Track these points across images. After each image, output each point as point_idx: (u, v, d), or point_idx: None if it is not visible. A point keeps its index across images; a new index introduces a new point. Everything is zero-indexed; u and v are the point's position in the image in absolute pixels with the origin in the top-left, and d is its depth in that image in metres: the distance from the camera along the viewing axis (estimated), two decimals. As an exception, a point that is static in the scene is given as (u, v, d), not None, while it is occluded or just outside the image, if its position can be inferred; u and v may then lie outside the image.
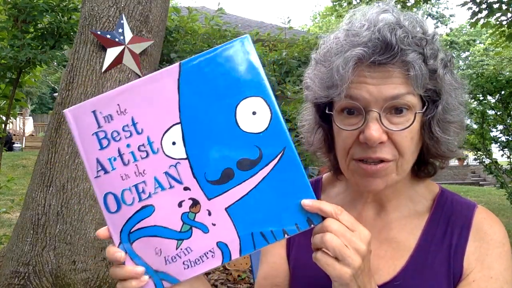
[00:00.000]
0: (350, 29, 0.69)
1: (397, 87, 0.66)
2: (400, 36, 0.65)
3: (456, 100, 0.71)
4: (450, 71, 0.70)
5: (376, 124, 0.66)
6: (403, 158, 0.70)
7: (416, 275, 0.74)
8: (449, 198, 0.80)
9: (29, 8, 3.33)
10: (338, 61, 0.67)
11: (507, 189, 5.69)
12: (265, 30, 6.39)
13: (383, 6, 0.71)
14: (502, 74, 5.80)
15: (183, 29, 3.66)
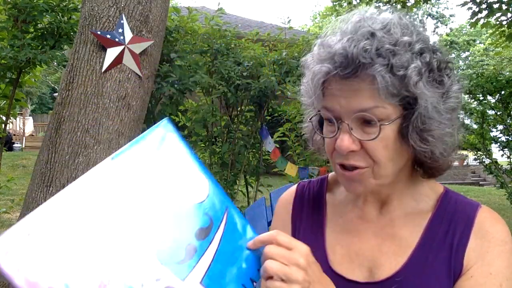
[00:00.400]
0: (321, 43, 0.73)
1: (364, 102, 0.68)
2: (363, 49, 0.66)
3: (436, 107, 0.69)
4: (428, 77, 0.68)
5: (346, 135, 0.70)
6: (379, 165, 0.71)
7: (417, 272, 0.75)
8: (453, 198, 0.81)
9: (29, 8, 3.33)
10: (310, 75, 0.73)
11: (507, 189, 5.69)
12: (265, 30, 6.39)
13: (363, 14, 0.73)
14: (502, 74, 5.79)
15: (183, 29, 3.66)
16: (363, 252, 0.80)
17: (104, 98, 2.65)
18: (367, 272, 0.78)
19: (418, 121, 0.69)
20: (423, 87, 0.67)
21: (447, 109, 0.71)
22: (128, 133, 2.73)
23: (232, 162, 3.99)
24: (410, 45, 0.68)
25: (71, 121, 2.61)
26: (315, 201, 0.90)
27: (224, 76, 3.75)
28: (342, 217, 0.86)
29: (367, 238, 0.81)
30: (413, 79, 0.66)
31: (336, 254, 0.82)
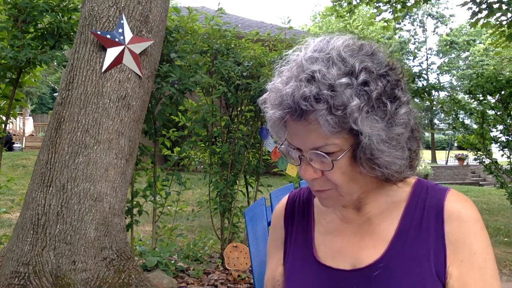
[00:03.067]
0: (272, 87, 0.79)
1: (315, 141, 0.75)
2: (304, 96, 0.71)
3: (381, 136, 0.73)
4: (371, 110, 0.71)
5: (307, 166, 0.78)
6: (341, 188, 0.79)
7: (398, 256, 0.80)
8: (424, 185, 0.86)
9: (29, 8, 3.33)
10: (268, 115, 0.79)
11: (507, 189, 5.69)
12: (265, 30, 6.39)
13: (317, 45, 0.77)
14: (502, 74, 5.79)
15: (183, 29, 3.65)
16: (344, 249, 0.87)
17: (104, 98, 2.66)
18: (350, 266, 0.84)
19: (365, 151, 0.74)
20: (363, 123, 0.71)
21: (393, 136, 0.74)
22: (128, 133, 2.73)
23: (232, 162, 3.99)
24: (349, 85, 0.71)
25: (71, 121, 2.61)
26: (304, 206, 0.98)
27: (224, 76, 3.75)
28: (325, 219, 0.93)
29: (348, 237, 0.88)
30: (353, 117, 0.70)
31: (321, 252, 0.89)
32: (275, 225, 1.01)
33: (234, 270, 3.46)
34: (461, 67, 32.54)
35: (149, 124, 3.44)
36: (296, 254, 0.93)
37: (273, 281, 0.96)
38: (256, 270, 1.22)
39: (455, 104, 6.05)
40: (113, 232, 2.63)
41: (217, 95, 3.69)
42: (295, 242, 0.94)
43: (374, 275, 0.80)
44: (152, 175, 3.59)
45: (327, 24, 29.65)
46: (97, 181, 2.58)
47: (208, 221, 4.74)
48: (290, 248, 0.95)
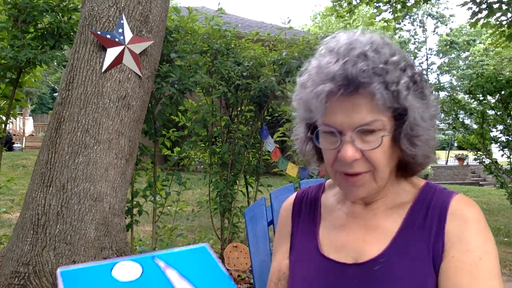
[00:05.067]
0: (319, 64, 0.80)
1: (365, 117, 0.77)
2: (360, 71, 0.75)
3: (423, 115, 0.80)
4: (415, 90, 0.79)
5: (349, 146, 0.78)
6: (378, 170, 0.81)
7: (399, 252, 0.83)
8: (432, 189, 0.89)
9: (29, 8, 3.33)
10: (312, 94, 0.79)
11: (507, 189, 5.70)
12: (265, 30, 6.39)
13: (353, 35, 0.81)
14: (502, 74, 5.79)
15: (183, 29, 3.65)
16: (349, 243, 0.89)
17: (104, 98, 2.66)
18: (353, 260, 0.87)
19: (408, 129, 0.79)
20: (411, 100, 0.78)
21: (430, 117, 0.82)
22: (128, 133, 2.73)
23: (232, 162, 3.98)
24: (398, 63, 0.78)
25: (71, 121, 2.61)
26: (311, 203, 1.02)
27: (224, 76, 3.75)
28: (332, 215, 0.96)
29: (353, 231, 0.90)
30: (403, 93, 0.76)
31: (326, 246, 0.92)
32: (283, 219, 1.05)
33: (234, 270, 3.47)
34: (461, 67, 32.55)
35: (149, 124, 3.44)
36: (301, 247, 0.96)
37: (278, 273, 0.99)
38: (256, 270, 1.22)
39: (455, 104, 6.05)
40: (113, 232, 2.63)
41: (217, 95, 3.69)
42: (301, 236, 0.97)
43: (375, 270, 0.82)
44: (152, 175, 3.59)
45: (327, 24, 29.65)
46: (97, 181, 2.58)
47: (208, 221, 4.74)
48: (296, 241, 0.98)
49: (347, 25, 8.15)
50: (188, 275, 0.64)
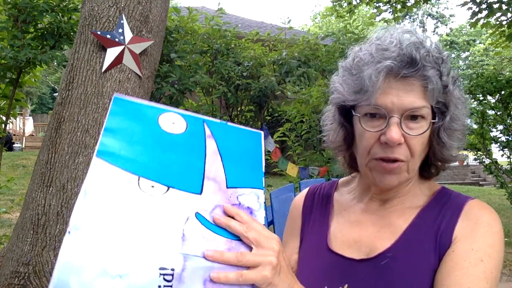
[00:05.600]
0: (381, 43, 0.81)
1: (416, 101, 0.78)
2: (423, 54, 0.77)
3: (461, 111, 0.83)
4: (458, 87, 0.83)
5: (396, 128, 0.78)
6: (413, 159, 0.81)
7: (405, 248, 0.83)
8: (448, 193, 0.89)
9: (29, 8, 3.33)
10: (370, 70, 0.79)
11: (507, 189, 5.70)
12: (265, 30, 6.39)
13: (406, 28, 0.84)
14: (502, 74, 5.80)
15: (183, 29, 3.65)
16: (362, 239, 0.89)
17: (104, 98, 2.65)
18: (364, 255, 0.87)
19: (449, 122, 0.82)
20: (456, 94, 0.82)
21: (464, 114, 0.85)
22: (128, 133, 2.73)
23: (232, 162, 3.98)
24: (447, 57, 0.82)
25: (71, 121, 2.61)
26: (323, 199, 1.02)
27: (224, 76, 3.75)
28: (346, 210, 0.96)
29: (367, 227, 0.90)
30: (450, 87, 0.80)
31: (337, 240, 0.92)
32: (293, 214, 1.05)
33: (234, 270, 3.46)
34: (461, 67, 32.56)
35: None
36: (310, 242, 0.96)
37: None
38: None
39: (455, 104, 6.03)
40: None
41: (217, 95, 3.69)
42: (311, 231, 0.98)
43: (381, 264, 0.83)
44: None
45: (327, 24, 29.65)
46: (97, 181, 2.58)
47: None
48: (305, 236, 0.99)
49: (347, 25, 8.14)
50: (226, 153, 0.64)
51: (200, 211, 0.61)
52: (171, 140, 0.63)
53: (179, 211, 0.59)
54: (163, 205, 0.59)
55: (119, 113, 0.63)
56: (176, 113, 0.66)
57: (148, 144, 0.62)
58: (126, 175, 0.58)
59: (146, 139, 0.62)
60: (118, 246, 0.54)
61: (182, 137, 0.64)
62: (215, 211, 0.62)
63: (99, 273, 0.52)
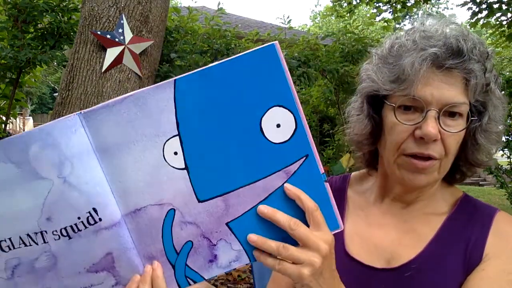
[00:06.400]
0: (426, 30, 0.75)
1: (457, 96, 0.72)
2: (470, 46, 0.72)
3: (499, 113, 0.78)
4: (499, 86, 0.77)
5: (434, 122, 0.72)
6: (447, 159, 0.75)
7: (431, 260, 0.77)
8: (472, 201, 0.84)
9: (29, 8, 3.33)
10: (412, 58, 0.72)
11: (507, 189, 5.70)
12: (265, 30, 6.39)
13: (451, 19, 0.78)
14: (502, 74, 5.80)
15: (183, 29, 3.66)
16: (383, 244, 0.82)
17: (104, 98, 2.66)
18: (385, 262, 0.81)
19: (487, 123, 0.76)
20: (497, 94, 0.76)
21: (502, 116, 0.79)
22: (128, 133, 2.74)
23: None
24: (491, 54, 0.75)
25: (71, 121, 2.61)
26: (336, 194, 0.91)
27: (224, 76, 3.75)
28: (363, 211, 0.89)
29: (388, 231, 0.83)
30: (492, 85, 0.74)
31: (354, 243, 0.85)
32: None
33: (234, 270, 3.47)
34: (461, 67, 32.57)
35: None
36: None
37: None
38: (256, 270, 1.22)
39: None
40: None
41: (217, 95, 3.69)
42: None
43: (406, 276, 0.77)
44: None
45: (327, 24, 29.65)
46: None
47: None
48: None
49: (347, 25, 8.15)
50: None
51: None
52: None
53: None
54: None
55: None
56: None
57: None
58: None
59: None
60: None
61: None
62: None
63: None
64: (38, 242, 0.59)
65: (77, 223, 0.59)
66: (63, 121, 0.58)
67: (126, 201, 0.59)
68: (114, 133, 0.59)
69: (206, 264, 0.61)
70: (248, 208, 0.60)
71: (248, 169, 0.59)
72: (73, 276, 0.60)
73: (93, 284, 0.61)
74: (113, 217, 0.59)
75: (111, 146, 0.59)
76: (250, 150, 0.58)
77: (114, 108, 0.60)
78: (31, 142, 0.58)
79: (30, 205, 0.58)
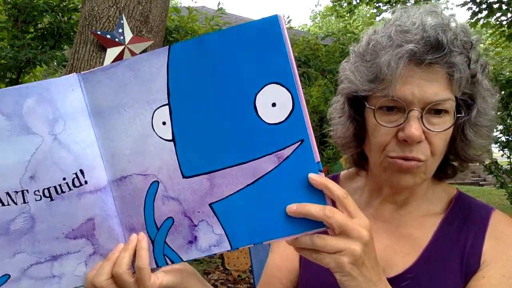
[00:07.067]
0: (401, 24, 0.69)
1: (440, 92, 0.67)
2: (450, 38, 0.66)
3: (489, 105, 0.73)
4: (486, 76, 0.71)
5: (417, 123, 0.67)
6: (434, 159, 0.71)
7: (428, 269, 0.74)
8: (466, 201, 0.81)
9: (29, 8, 3.33)
10: (388, 56, 0.67)
11: (507, 189, 5.70)
12: (265, 30, 6.36)
13: (431, 7, 0.71)
14: (502, 74, 5.80)
15: (183, 29, 3.66)
16: (377, 251, 0.79)
17: (104, 98, 2.66)
18: None
19: (476, 117, 0.71)
20: (485, 85, 0.71)
21: (493, 108, 0.75)
22: (128, 133, 2.74)
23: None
24: (476, 42, 0.70)
25: (71, 121, 2.61)
26: None
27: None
28: None
29: (381, 237, 0.79)
30: (479, 76, 0.69)
31: None
32: None
33: (234, 270, 3.47)
34: (461, 67, 32.57)
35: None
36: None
37: (288, 272, 0.86)
38: (256, 270, 1.22)
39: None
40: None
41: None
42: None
43: (402, 286, 0.74)
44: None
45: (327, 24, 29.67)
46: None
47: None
48: None
49: (347, 25, 8.15)
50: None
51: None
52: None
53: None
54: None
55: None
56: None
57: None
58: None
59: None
60: None
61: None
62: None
63: None
64: (18, 202, 0.57)
65: (61, 184, 0.57)
66: (63, 78, 0.57)
67: (113, 167, 0.58)
68: (108, 96, 0.57)
69: (185, 245, 0.58)
70: (235, 191, 0.56)
71: (238, 148, 0.55)
72: (50, 241, 0.57)
73: (70, 252, 0.58)
74: (99, 181, 0.58)
75: (104, 109, 0.57)
76: (241, 128, 0.55)
77: (110, 71, 0.57)
78: (27, 95, 0.56)
79: (14, 161, 0.56)
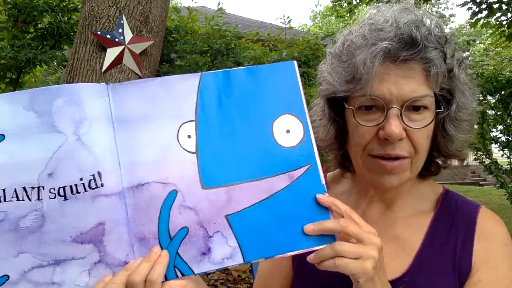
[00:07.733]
0: (375, 23, 0.70)
1: (418, 89, 0.67)
2: (424, 33, 0.67)
3: (468, 99, 0.74)
4: (464, 70, 0.72)
5: (396, 121, 0.67)
6: (418, 156, 0.71)
7: (423, 271, 0.75)
8: (453, 198, 0.81)
9: (29, 8, 3.33)
10: (363, 55, 0.68)
11: (507, 189, 5.69)
12: (265, 30, 6.39)
13: (403, 4, 0.72)
14: (502, 74, 5.80)
15: (183, 29, 3.66)
16: None
17: (104, 98, 2.66)
18: None
19: (455, 111, 0.72)
20: (462, 79, 0.71)
21: (472, 101, 0.75)
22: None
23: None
24: (451, 37, 0.70)
25: (71, 121, 2.61)
26: None
27: (224, 76, 3.75)
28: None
29: None
30: (456, 70, 0.69)
31: None
32: None
33: (234, 270, 3.47)
34: (461, 67, 32.48)
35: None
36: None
37: (275, 276, 0.89)
38: (256, 270, 1.22)
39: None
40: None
41: (217, 95, 3.69)
42: None
43: None
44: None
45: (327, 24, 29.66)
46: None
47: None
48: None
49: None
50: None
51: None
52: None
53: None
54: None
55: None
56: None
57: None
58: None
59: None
60: None
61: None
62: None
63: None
64: (32, 198, 0.58)
65: (77, 184, 0.58)
66: (94, 85, 0.61)
67: (131, 174, 0.60)
68: (136, 107, 0.61)
69: (198, 256, 0.60)
70: (250, 204, 0.61)
71: (255, 165, 0.62)
72: (56, 243, 0.58)
73: (75, 258, 0.58)
74: (115, 186, 0.59)
75: (130, 118, 0.61)
76: (259, 148, 0.62)
77: (140, 85, 0.63)
78: (58, 95, 0.59)
79: (37, 157, 0.58)
